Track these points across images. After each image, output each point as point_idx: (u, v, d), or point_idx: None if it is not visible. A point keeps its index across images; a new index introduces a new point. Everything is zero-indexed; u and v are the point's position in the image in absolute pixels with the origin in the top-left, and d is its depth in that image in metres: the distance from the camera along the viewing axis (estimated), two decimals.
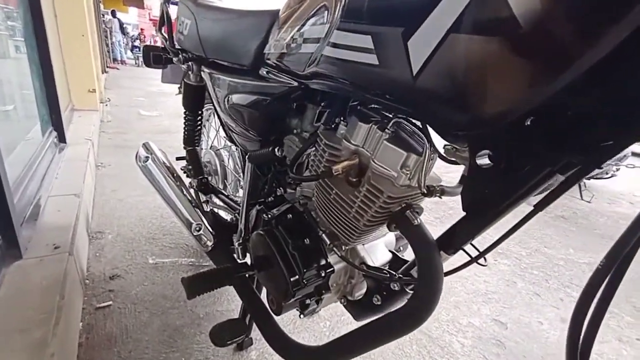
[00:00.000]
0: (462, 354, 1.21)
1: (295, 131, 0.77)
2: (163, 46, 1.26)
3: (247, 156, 0.77)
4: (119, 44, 10.47)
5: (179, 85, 1.53)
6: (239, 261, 0.95)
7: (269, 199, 0.83)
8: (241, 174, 1.31)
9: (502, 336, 1.32)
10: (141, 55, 1.24)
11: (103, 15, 8.57)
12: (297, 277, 0.68)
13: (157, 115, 4.26)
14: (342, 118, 0.67)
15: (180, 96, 1.46)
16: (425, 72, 0.38)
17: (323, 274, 0.70)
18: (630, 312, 1.62)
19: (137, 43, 12.51)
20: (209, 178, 1.20)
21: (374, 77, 0.44)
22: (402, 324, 0.54)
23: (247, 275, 0.86)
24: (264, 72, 0.77)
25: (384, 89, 0.44)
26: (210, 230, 1.01)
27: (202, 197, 1.24)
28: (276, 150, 0.70)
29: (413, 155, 0.55)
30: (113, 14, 10.40)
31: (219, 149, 1.39)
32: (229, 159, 1.36)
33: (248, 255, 0.95)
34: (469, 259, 0.55)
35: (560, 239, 2.31)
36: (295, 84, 0.64)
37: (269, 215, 0.74)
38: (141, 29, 15.17)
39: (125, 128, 3.44)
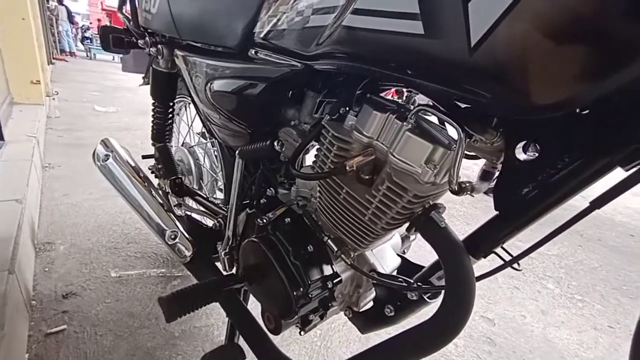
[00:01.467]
0: (457, 354, 1.18)
1: (292, 123, 0.68)
2: (125, 27, 1.10)
3: (237, 152, 0.66)
4: (67, 34, 9.55)
5: (143, 75, 1.36)
6: (223, 273, 0.84)
7: (261, 200, 0.72)
8: (220, 173, 1.18)
9: (492, 333, 1.32)
10: (98, 38, 1.07)
11: (47, 1, 7.75)
12: (301, 290, 0.59)
13: (114, 111, 3.90)
14: (347, 107, 0.59)
15: (145, 87, 1.30)
16: (487, 43, 0.31)
17: (330, 285, 0.62)
18: (599, 300, 1.71)
19: (88, 34, 11.50)
20: (182, 178, 1.06)
21: (414, 50, 0.36)
22: (434, 338, 0.47)
23: (235, 289, 0.75)
24: (254, 54, 0.67)
25: (425, 65, 0.37)
26: (188, 238, 0.89)
27: (173, 200, 1.10)
28: (275, 143, 0.60)
29: (440, 147, 0.48)
30: (59, 0, 9.46)
31: (192, 146, 1.25)
32: (204, 157, 1.22)
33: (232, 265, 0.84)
34: (501, 262, 0.50)
35: (528, 231, 2.41)
36: (298, 65, 0.55)
37: (264, 220, 0.64)
38: (98, 20, 13.95)
39: (77, 125, 3.10)
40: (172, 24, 0.85)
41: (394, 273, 0.68)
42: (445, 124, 0.49)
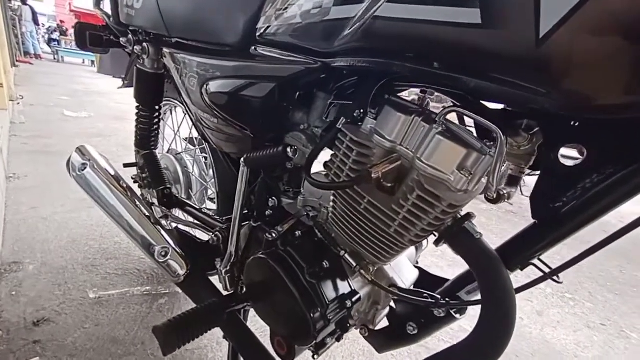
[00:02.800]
0: None
1: (301, 127, 0.62)
2: (104, 24, 1.00)
3: (242, 160, 0.60)
4: (31, 35, 9.00)
5: (123, 76, 1.26)
6: (222, 292, 0.76)
7: (267, 212, 0.66)
8: (212, 182, 1.11)
9: None
10: (74, 34, 0.97)
11: (10, 0, 7.27)
12: (319, 312, 0.53)
13: (86, 116, 3.68)
14: (363, 109, 0.55)
15: (122, 91, 1.20)
16: (558, 34, 0.27)
17: (349, 305, 0.56)
18: (588, 297, 1.75)
19: (55, 36, 10.91)
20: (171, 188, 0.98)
21: (467, 41, 0.32)
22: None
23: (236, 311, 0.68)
24: (257, 51, 0.61)
25: (478, 58, 0.32)
26: (181, 254, 0.80)
27: (158, 212, 1.01)
28: (289, 150, 0.54)
29: (474, 152, 0.44)
30: (23, 0, 8.92)
31: (179, 153, 1.16)
32: (193, 165, 1.14)
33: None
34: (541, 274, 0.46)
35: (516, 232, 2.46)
36: (313, 63, 0.50)
37: (272, 234, 0.58)
38: (61, 21, 13.25)
39: (45, 131, 2.88)
40: (160, 20, 0.77)
41: (413, 286, 0.63)
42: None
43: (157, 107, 0.96)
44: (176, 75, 0.79)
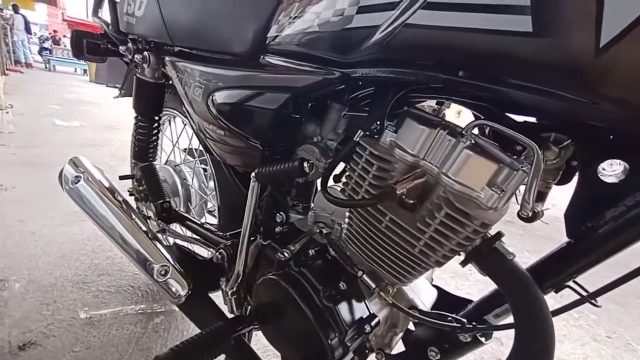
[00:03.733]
0: None
1: (314, 139, 0.59)
2: (102, 32, 0.97)
3: (254, 174, 0.56)
4: (23, 44, 8.90)
5: (119, 86, 1.22)
6: (225, 313, 0.71)
7: (277, 228, 0.62)
8: (213, 195, 1.06)
9: (502, 353, 1.27)
10: (70, 42, 0.93)
11: (1, 9, 7.19)
12: (337, 338, 0.49)
13: (77, 125, 3.60)
14: (379, 122, 0.52)
15: (113, 101, 1.17)
16: (623, 42, 0.25)
17: (368, 329, 0.52)
18: (590, 309, 1.73)
19: (47, 44, 10.80)
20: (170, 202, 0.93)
21: (514, 51, 0.29)
22: None
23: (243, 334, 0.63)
24: (266, 61, 0.59)
25: (524, 68, 0.30)
26: (182, 273, 0.76)
27: (154, 225, 0.96)
28: (305, 164, 0.51)
29: (506, 167, 0.42)
30: (15, 9, 8.84)
31: (178, 164, 1.12)
32: (192, 177, 1.10)
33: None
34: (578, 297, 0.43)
35: (516, 243, 2.46)
36: (334, 74, 0.47)
37: (285, 254, 0.54)
38: (54, 30, 13.15)
39: (35, 141, 2.80)
40: (162, 28, 0.75)
41: (432, 308, 0.60)
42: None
43: (156, 118, 0.92)
44: (179, 85, 0.76)
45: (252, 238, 0.73)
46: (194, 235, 0.90)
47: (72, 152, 2.73)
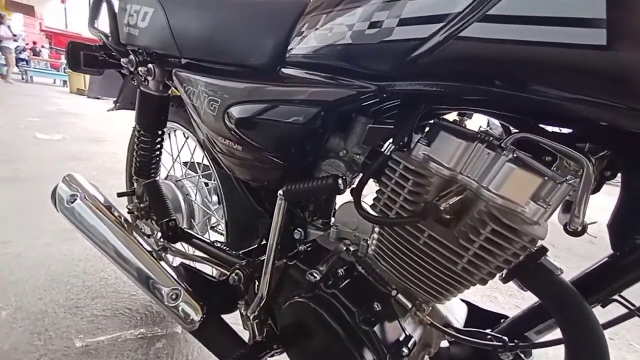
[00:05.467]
0: None
1: (340, 153, 0.57)
2: (100, 44, 0.93)
3: (282, 192, 0.53)
4: None
5: (115, 99, 1.17)
6: (243, 338, 0.67)
7: (301, 247, 0.59)
8: (219, 210, 1.02)
9: None
10: (66, 54, 0.89)
11: None
12: None
13: (60, 138, 3.46)
14: (407, 135, 0.51)
15: (100, 111, 1.12)
16: None
17: (406, 352, 0.50)
18: None
19: (24, 55, 10.46)
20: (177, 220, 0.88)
21: (584, 64, 0.28)
22: None
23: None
24: (286, 73, 0.57)
25: (593, 82, 0.29)
26: (193, 296, 0.71)
27: (153, 243, 0.91)
28: (340, 181, 0.48)
29: (550, 181, 0.41)
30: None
31: (179, 179, 1.08)
32: (196, 192, 1.06)
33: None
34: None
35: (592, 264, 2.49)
36: (369, 87, 0.45)
37: (315, 275, 0.51)
38: (33, 42, 12.74)
39: (14, 155, 2.67)
40: (170, 40, 0.72)
41: (465, 324, 0.58)
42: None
43: (159, 132, 0.89)
44: (187, 98, 0.73)
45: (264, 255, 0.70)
46: (201, 254, 0.86)
47: (55, 166, 2.61)
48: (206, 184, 1.12)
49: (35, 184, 2.17)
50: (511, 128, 0.50)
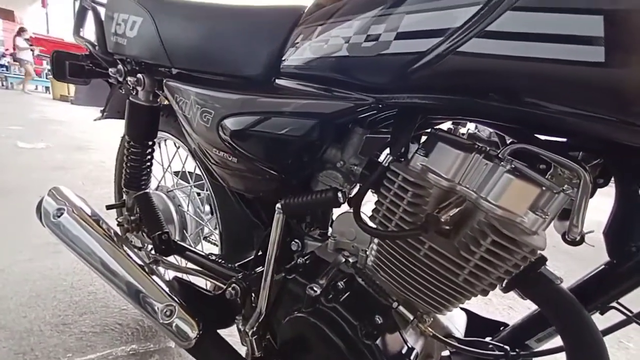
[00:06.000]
0: None
1: (337, 164, 0.57)
2: (87, 53, 0.91)
3: (279, 206, 0.52)
4: None
5: (102, 108, 1.14)
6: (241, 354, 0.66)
7: (300, 260, 0.58)
8: (212, 220, 1.01)
9: None
10: (51, 64, 0.86)
11: None
12: None
13: (43, 147, 3.37)
14: (403, 145, 0.51)
15: (85, 118, 1.09)
16: None
17: None
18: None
19: (4, 61, 10.15)
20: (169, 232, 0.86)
21: (579, 80, 0.29)
22: None
23: None
24: (281, 85, 0.56)
25: (588, 97, 0.30)
26: (188, 311, 0.69)
27: (143, 256, 0.89)
28: (339, 194, 0.48)
29: (548, 191, 0.41)
30: None
31: (171, 189, 1.05)
32: (188, 202, 1.04)
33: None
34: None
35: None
36: (366, 100, 0.45)
37: (315, 289, 0.50)
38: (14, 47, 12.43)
39: None
40: (160, 50, 0.70)
41: (465, 333, 0.58)
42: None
43: (150, 143, 0.87)
44: (178, 109, 0.71)
45: (260, 265, 0.69)
46: (195, 267, 0.84)
47: (40, 176, 2.53)
48: (198, 194, 1.10)
49: (18, 196, 2.10)
50: (506, 137, 0.51)
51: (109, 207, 1.00)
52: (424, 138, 0.53)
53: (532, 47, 0.29)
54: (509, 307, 1.70)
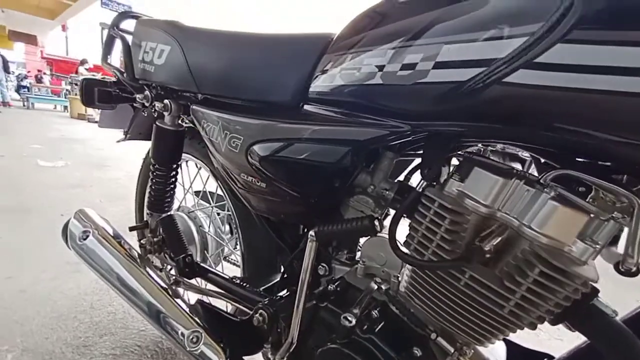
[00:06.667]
0: None
1: (368, 189, 0.56)
2: (115, 80, 0.94)
3: (313, 233, 0.52)
4: (0, 83, 8.74)
5: (125, 130, 1.17)
6: None
7: (330, 287, 0.57)
8: (233, 240, 1.01)
9: None
10: (80, 91, 0.89)
11: None
12: None
13: (63, 165, 3.46)
14: (431, 169, 0.50)
15: (102, 136, 1.12)
16: None
17: None
18: None
19: (26, 82, 10.62)
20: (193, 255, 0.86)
21: (631, 112, 0.28)
22: None
23: None
24: (310, 111, 0.57)
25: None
26: (214, 338, 0.68)
27: (164, 278, 0.89)
28: (376, 222, 0.47)
29: (596, 218, 0.40)
30: None
31: (192, 210, 1.06)
32: (209, 223, 1.04)
33: None
34: None
35: None
36: (401, 127, 0.45)
37: (349, 319, 0.49)
38: (38, 70, 13.09)
39: (17, 185, 2.65)
40: (188, 77, 0.72)
41: None
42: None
43: (174, 166, 0.88)
44: (205, 134, 0.72)
45: (287, 287, 0.68)
46: (216, 289, 0.84)
47: (59, 194, 2.59)
48: (218, 214, 1.11)
49: (39, 214, 2.15)
50: (540, 159, 0.49)
51: (132, 229, 1.00)
52: (454, 160, 0.52)
53: (583, 78, 0.29)
54: (556, 339, 1.63)
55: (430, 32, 0.40)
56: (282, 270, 0.79)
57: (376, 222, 0.47)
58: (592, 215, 0.39)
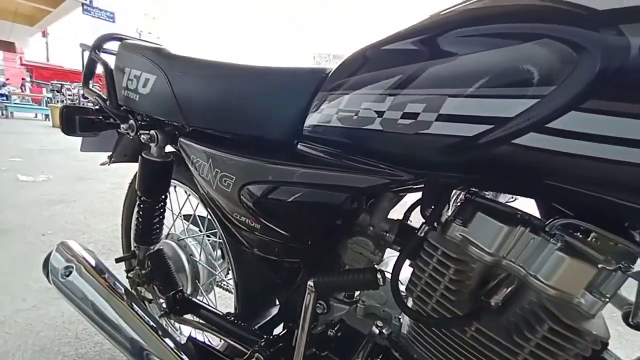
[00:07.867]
0: None
1: (367, 231, 0.54)
2: (96, 107, 0.90)
3: (312, 284, 0.49)
4: None
5: (110, 154, 1.12)
6: None
7: (330, 332, 0.55)
8: (226, 269, 0.97)
9: None
10: (60, 119, 0.84)
11: None
12: None
13: (44, 179, 3.34)
14: (436, 216, 0.48)
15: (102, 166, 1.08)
16: None
17: None
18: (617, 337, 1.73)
19: (4, 90, 10.26)
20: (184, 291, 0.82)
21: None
22: None
23: None
24: (303, 150, 0.54)
25: None
26: None
27: (155, 309, 0.85)
28: (379, 275, 0.45)
29: (604, 270, 0.39)
30: None
31: (182, 238, 1.02)
32: (200, 250, 1.00)
33: None
34: None
35: None
36: (402, 176, 0.43)
37: None
38: (22, 78, 12.69)
39: None
40: (175, 108, 0.69)
41: None
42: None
43: (162, 197, 0.84)
44: (195, 170, 0.69)
45: (279, 324, 0.65)
46: (209, 325, 0.80)
47: (41, 212, 2.49)
48: (208, 237, 1.07)
49: (19, 235, 2.06)
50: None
51: (118, 260, 0.96)
52: (460, 205, 0.50)
53: (596, 147, 0.28)
54: None
55: (432, 82, 0.38)
56: (278, 303, 0.77)
57: (379, 275, 0.45)
58: (600, 266, 0.38)
